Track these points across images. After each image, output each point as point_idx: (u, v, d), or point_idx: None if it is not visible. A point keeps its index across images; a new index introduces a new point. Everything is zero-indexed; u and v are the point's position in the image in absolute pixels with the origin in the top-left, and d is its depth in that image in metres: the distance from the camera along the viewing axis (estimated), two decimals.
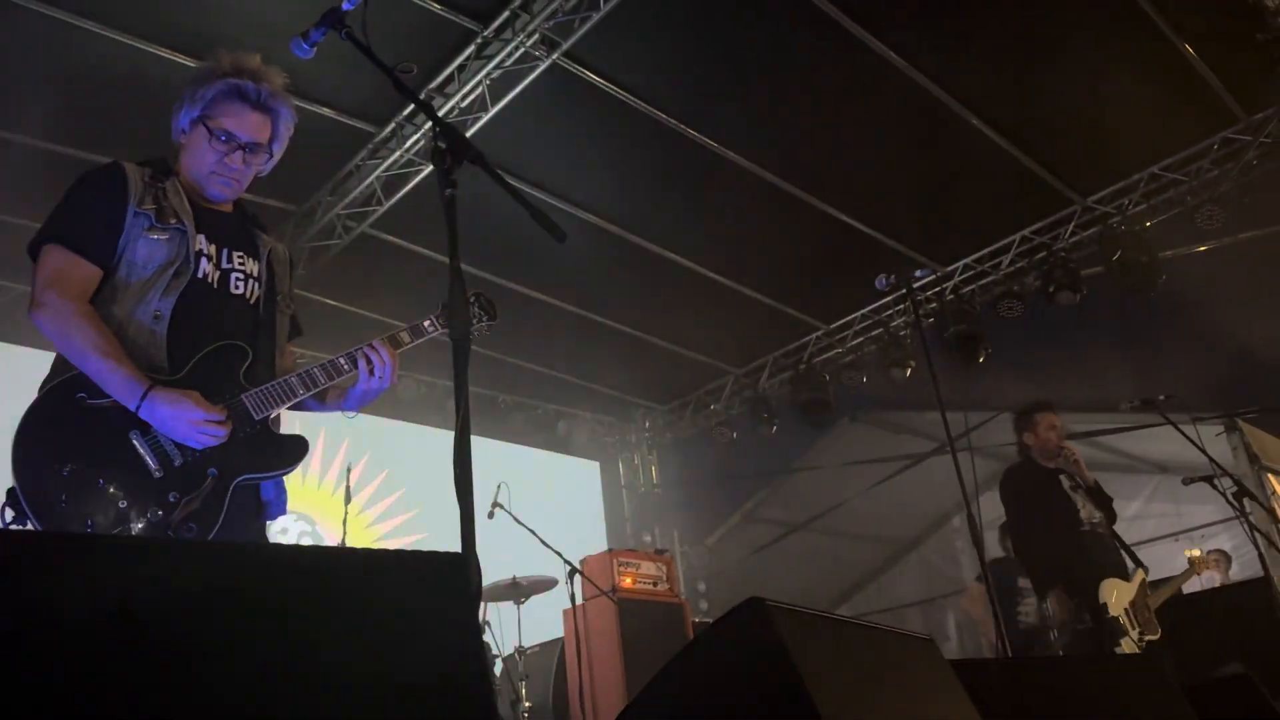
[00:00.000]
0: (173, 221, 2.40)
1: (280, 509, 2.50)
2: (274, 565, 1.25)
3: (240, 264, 2.53)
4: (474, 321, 2.80)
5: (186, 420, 2.20)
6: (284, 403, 2.42)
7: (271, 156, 2.61)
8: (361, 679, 1.18)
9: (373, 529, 8.25)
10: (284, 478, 2.49)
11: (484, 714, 1.22)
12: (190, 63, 5.11)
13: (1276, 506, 7.21)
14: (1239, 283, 7.19)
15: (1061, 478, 5.38)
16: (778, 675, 1.52)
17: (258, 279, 2.58)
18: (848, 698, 1.62)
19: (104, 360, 2.18)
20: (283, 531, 7.46)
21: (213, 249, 2.48)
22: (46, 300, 2.25)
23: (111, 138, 5.44)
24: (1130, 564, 5.28)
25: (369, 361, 2.50)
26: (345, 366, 2.50)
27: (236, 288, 2.51)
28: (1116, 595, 4.93)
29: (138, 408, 2.17)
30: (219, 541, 2.18)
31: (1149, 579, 5.43)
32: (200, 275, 2.42)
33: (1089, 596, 4.91)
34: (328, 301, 7.32)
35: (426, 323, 2.66)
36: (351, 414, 2.66)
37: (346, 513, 6.07)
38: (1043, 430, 5.44)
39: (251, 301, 2.55)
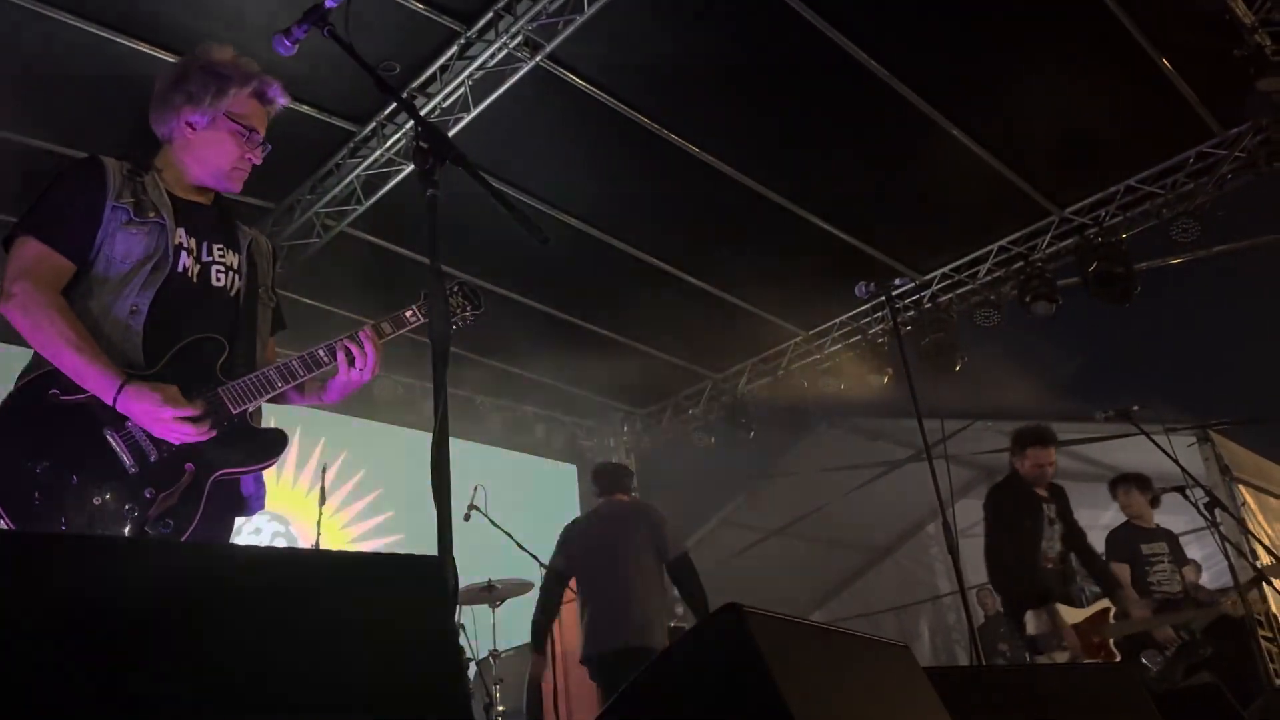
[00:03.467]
0: (151, 215, 2.38)
1: (260, 503, 2.48)
2: (250, 567, 1.23)
3: (220, 256, 2.52)
4: (458, 311, 2.79)
5: (159, 417, 2.18)
6: (262, 396, 2.40)
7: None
8: (337, 682, 1.17)
9: (347, 530, 8.19)
10: (263, 473, 2.47)
11: (460, 716, 1.22)
12: (168, 57, 5.07)
13: (1247, 517, 7.30)
14: (1212, 296, 7.28)
15: (1047, 507, 5.47)
16: (754, 682, 1.52)
17: (238, 271, 2.56)
18: (824, 705, 1.62)
19: (77, 354, 2.16)
20: (256, 531, 7.40)
21: (192, 242, 2.46)
22: (17, 291, 2.22)
23: (86, 131, 5.39)
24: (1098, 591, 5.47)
25: (349, 353, 2.49)
26: (325, 359, 2.48)
27: (217, 280, 2.49)
28: (1039, 620, 5.08)
29: (114, 402, 2.15)
30: (194, 543, 2.16)
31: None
32: (180, 269, 2.40)
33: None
34: (305, 300, 7.26)
35: (408, 312, 2.65)
36: (335, 400, 2.64)
37: (321, 513, 6.03)
38: (1029, 465, 5.52)
39: (232, 294, 2.53)
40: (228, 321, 2.48)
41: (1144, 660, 5.64)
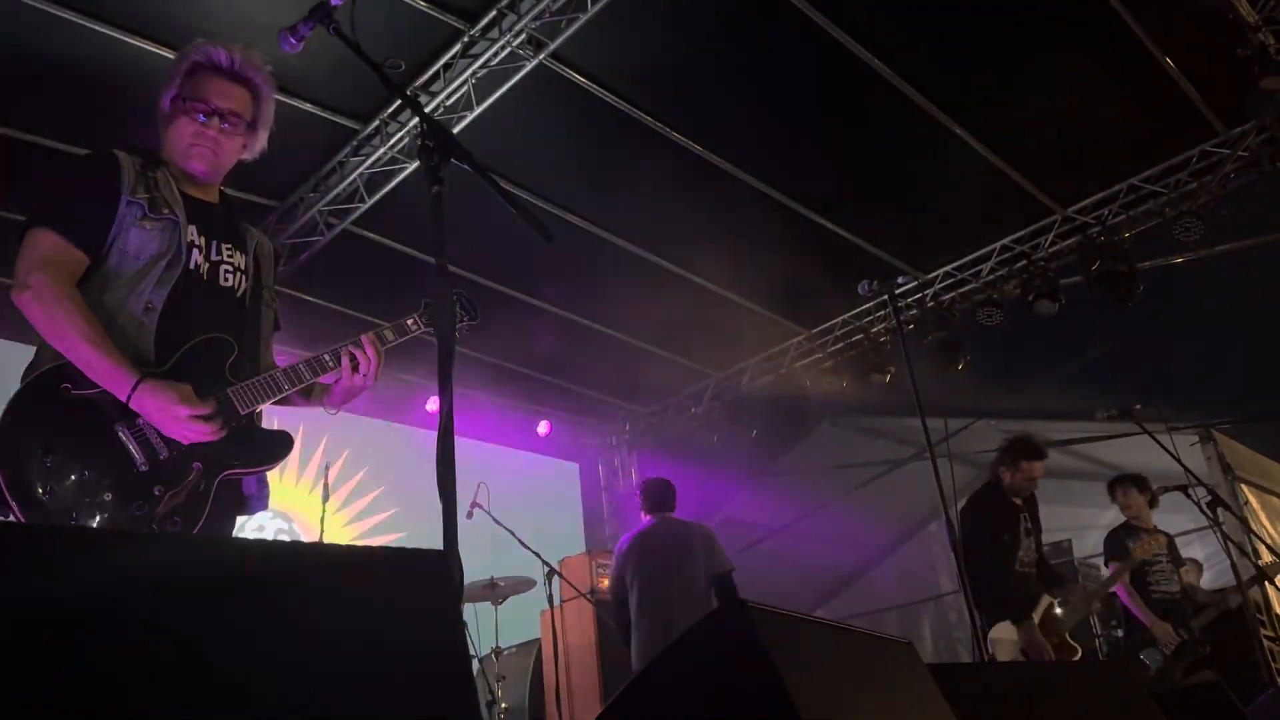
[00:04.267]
0: (165, 212, 2.39)
1: (262, 504, 2.49)
2: (258, 561, 1.24)
3: (229, 256, 2.53)
4: (456, 321, 2.81)
5: (174, 415, 2.19)
6: (269, 398, 2.41)
7: (255, 131, 2.60)
8: (345, 676, 1.18)
9: (350, 527, 8.21)
10: (266, 473, 2.48)
11: (466, 710, 1.22)
12: (170, 54, 5.07)
13: (1249, 516, 7.30)
14: (1215, 294, 7.27)
15: (1023, 517, 5.53)
16: (759, 677, 1.53)
17: (245, 272, 2.57)
18: (829, 701, 1.63)
19: (92, 348, 2.16)
20: (259, 529, 7.41)
21: (203, 240, 2.47)
22: (32, 283, 2.21)
23: (90, 129, 5.39)
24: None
25: (353, 358, 2.51)
26: (330, 363, 2.50)
27: (226, 280, 2.51)
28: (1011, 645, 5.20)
29: (129, 399, 2.15)
30: (202, 536, 2.17)
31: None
32: (191, 267, 2.41)
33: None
34: (308, 299, 7.27)
35: (410, 321, 2.68)
36: (333, 411, 2.66)
37: (324, 511, 6.05)
38: (1019, 477, 5.53)
39: (239, 294, 2.54)
40: (235, 321, 2.49)
41: (1143, 659, 5.68)
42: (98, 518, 2.07)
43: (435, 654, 1.26)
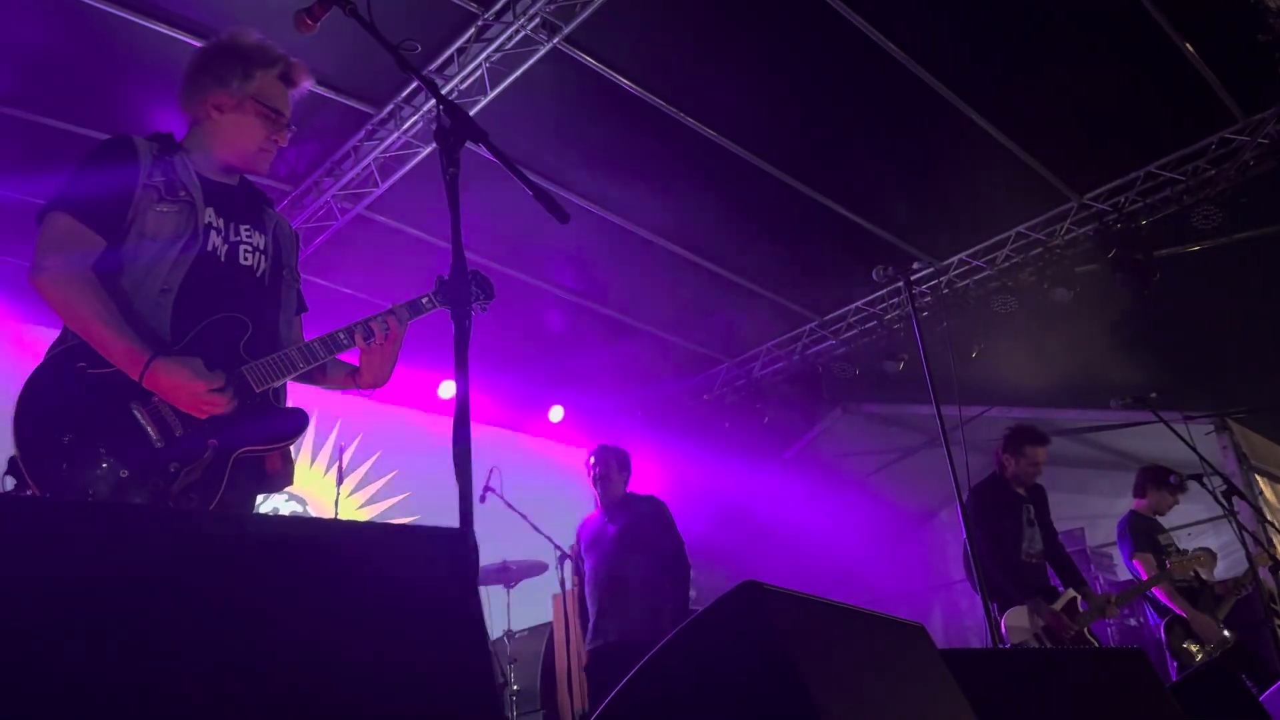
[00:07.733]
0: (182, 195, 2.41)
1: (287, 480, 2.52)
2: (276, 537, 1.25)
3: (248, 237, 2.56)
4: (472, 300, 2.83)
5: (188, 391, 2.21)
6: (284, 374, 2.44)
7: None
8: (362, 651, 1.19)
9: (364, 511, 8.25)
10: (289, 451, 2.51)
11: (484, 686, 1.23)
12: (188, 39, 5.07)
13: (1264, 506, 7.27)
14: (1233, 283, 7.21)
15: (1026, 508, 5.53)
16: (771, 659, 1.53)
17: (264, 252, 2.60)
18: (841, 682, 1.63)
19: (105, 329, 2.19)
20: (274, 510, 7.45)
21: (220, 222, 2.49)
22: (48, 265, 2.25)
23: (104, 112, 5.40)
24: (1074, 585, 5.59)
25: (367, 332, 2.55)
26: (345, 340, 2.53)
27: (245, 259, 2.53)
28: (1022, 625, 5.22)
29: (141, 377, 2.18)
30: (220, 513, 2.19)
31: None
32: (209, 248, 2.44)
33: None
34: (322, 283, 7.29)
35: (424, 299, 2.71)
36: (366, 391, 2.70)
37: (338, 494, 6.08)
38: (1024, 463, 5.54)
39: (258, 274, 2.57)
40: (253, 301, 2.52)
41: (1187, 647, 5.75)
42: (113, 495, 2.10)
43: (453, 630, 1.27)
